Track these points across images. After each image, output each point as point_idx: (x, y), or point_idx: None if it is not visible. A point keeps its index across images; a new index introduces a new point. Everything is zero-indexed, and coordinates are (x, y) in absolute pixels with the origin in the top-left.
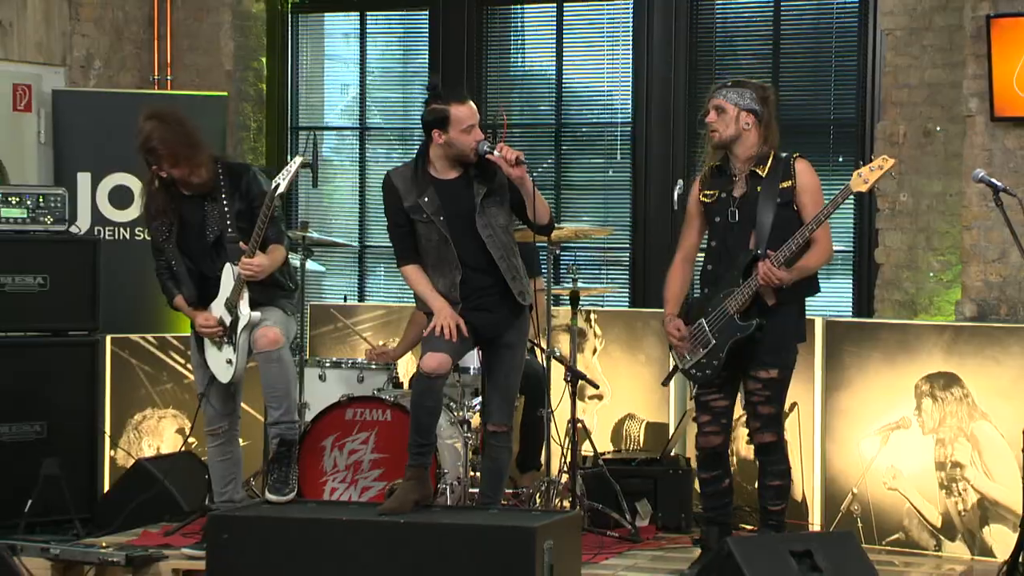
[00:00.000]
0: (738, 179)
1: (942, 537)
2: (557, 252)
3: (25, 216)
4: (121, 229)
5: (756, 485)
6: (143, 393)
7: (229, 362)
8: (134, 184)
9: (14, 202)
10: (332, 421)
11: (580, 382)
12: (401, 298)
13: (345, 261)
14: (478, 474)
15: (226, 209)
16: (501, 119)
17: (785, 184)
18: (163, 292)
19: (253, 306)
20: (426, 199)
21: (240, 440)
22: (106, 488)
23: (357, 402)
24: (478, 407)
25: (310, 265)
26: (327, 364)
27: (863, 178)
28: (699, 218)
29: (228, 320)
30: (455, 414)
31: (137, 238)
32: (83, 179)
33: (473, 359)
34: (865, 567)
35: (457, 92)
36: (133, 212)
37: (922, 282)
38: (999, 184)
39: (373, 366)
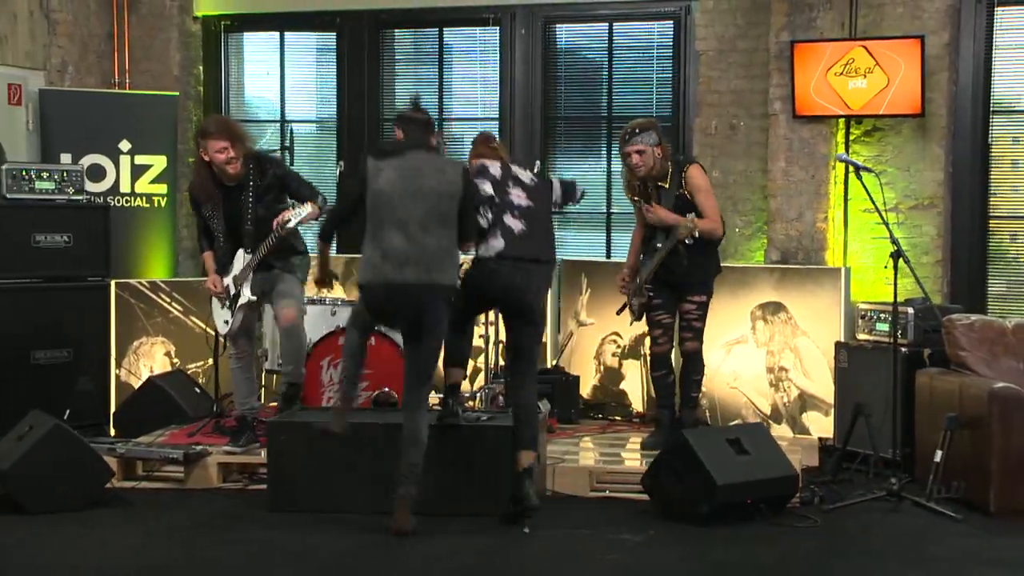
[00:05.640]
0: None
1: (771, 421)
2: None
3: (53, 188)
4: (97, 198)
5: (680, 377)
6: (139, 325)
7: (226, 322)
8: (106, 163)
9: (45, 177)
10: (327, 346)
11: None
12: None
13: None
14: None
15: (250, 200)
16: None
17: (679, 191)
18: (198, 242)
19: (270, 269)
20: None
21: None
22: (114, 401)
23: None
24: None
25: None
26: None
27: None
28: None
29: (233, 291)
30: None
31: (111, 205)
32: (65, 158)
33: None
34: (773, 446)
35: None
36: (106, 184)
37: (729, 236)
38: (859, 164)
39: (340, 303)
